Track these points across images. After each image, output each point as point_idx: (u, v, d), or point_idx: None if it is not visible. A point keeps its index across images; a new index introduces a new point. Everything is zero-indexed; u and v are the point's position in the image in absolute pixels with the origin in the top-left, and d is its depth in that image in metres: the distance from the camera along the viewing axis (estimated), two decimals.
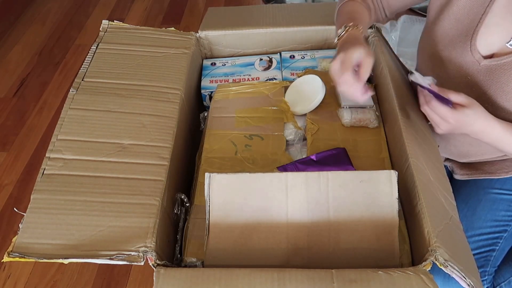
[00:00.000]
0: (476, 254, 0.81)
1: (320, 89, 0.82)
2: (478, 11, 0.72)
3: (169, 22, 2.18)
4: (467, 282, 0.53)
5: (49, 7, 2.30)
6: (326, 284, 0.52)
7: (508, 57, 0.70)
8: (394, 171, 0.60)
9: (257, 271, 0.54)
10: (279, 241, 0.60)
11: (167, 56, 0.85)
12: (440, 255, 0.53)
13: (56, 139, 0.70)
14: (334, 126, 0.80)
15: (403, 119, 0.71)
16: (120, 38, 0.88)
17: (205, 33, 0.94)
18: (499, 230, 0.82)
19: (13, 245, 0.58)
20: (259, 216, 0.60)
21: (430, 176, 0.67)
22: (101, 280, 1.25)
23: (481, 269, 0.80)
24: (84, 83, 0.78)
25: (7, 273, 1.27)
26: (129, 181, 0.65)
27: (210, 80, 0.93)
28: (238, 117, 0.83)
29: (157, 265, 0.57)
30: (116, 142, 0.70)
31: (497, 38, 0.72)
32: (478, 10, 0.72)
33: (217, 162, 0.75)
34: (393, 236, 0.59)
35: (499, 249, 0.82)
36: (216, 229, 0.60)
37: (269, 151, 0.77)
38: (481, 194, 0.69)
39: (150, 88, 0.79)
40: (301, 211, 0.60)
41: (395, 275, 0.53)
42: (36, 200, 0.63)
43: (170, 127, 0.73)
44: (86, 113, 0.73)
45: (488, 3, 0.71)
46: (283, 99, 0.85)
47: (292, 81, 0.88)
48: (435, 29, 0.79)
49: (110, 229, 0.59)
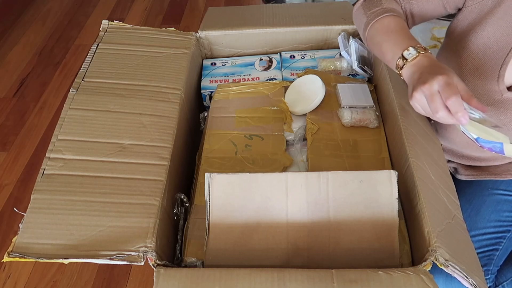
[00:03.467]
0: (479, 253, 0.81)
1: (320, 89, 0.82)
2: (509, 39, 0.67)
3: (169, 22, 2.18)
4: (470, 281, 0.53)
5: (49, 7, 2.30)
6: (326, 284, 0.52)
7: None
8: (394, 171, 0.60)
9: (257, 271, 0.54)
10: (279, 241, 0.60)
11: (167, 56, 0.85)
12: (440, 255, 0.53)
13: (56, 139, 0.70)
14: (334, 126, 0.80)
15: (403, 119, 0.71)
16: (120, 38, 0.88)
17: (205, 33, 0.94)
18: (502, 230, 0.82)
19: (13, 245, 0.58)
20: (259, 216, 0.60)
21: (431, 175, 0.66)
22: (101, 280, 1.25)
23: (484, 268, 0.80)
24: (84, 83, 0.78)
25: (7, 273, 1.27)
26: (129, 181, 0.65)
27: (210, 80, 0.93)
28: (238, 117, 0.83)
29: (157, 265, 0.57)
30: (116, 142, 0.70)
31: None
32: (509, 39, 0.67)
33: (217, 162, 0.75)
34: (393, 236, 0.59)
35: (502, 248, 0.82)
36: (216, 229, 0.60)
37: (269, 151, 0.77)
38: (486, 194, 0.68)
39: (150, 88, 0.79)
40: (301, 211, 0.60)
41: (395, 275, 0.53)
42: (36, 200, 0.63)
43: (170, 127, 0.73)
44: (86, 113, 0.73)
45: None
46: (282, 99, 0.85)
47: (292, 81, 0.88)
48: (459, 53, 0.73)
49: (110, 229, 0.59)
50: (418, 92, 0.58)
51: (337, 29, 0.95)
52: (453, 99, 0.54)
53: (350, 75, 0.92)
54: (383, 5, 0.73)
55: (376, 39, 0.71)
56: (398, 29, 0.68)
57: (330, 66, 0.93)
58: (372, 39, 0.73)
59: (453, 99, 0.54)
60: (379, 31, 0.71)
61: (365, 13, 0.75)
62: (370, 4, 0.75)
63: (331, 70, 0.92)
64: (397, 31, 0.68)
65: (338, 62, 0.93)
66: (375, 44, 0.72)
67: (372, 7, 0.74)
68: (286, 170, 0.75)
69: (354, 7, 0.79)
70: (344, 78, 0.90)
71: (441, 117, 0.56)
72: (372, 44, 0.73)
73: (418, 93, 0.58)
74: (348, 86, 0.85)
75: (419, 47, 0.63)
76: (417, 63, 0.61)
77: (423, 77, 0.58)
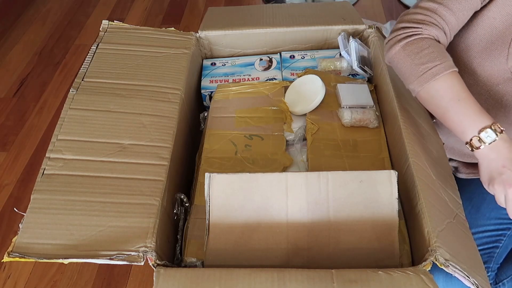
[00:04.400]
0: (479, 251, 0.81)
1: (320, 89, 0.82)
2: None
3: (169, 22, 2.18)
4: (471, 281, 0.53)
5: (49, 7, 2.30)
6: (326, 284, 0.52)
7: None
8: (394, 171, 0.60)
9: (257, 271, 0.54)
10: (279, 241, 0.60)
11: (167, 56, 0.85)
12: (440, 255, 0.53)
13: (56, 139, 0.70)
14: (334, 126, 0.80)
15: (403, 119, 0.71)
16: (120, 38, 0.88)
17: (205, 33, 0.94)
18: (503, 227, 0.83)
19: (13, 245, 0.58)
20: (259, 216, 0.60)
21: (432, 175, 0.66)
22: (101, 280, 1.25)
23: (484, 265, 0.80)
24: (84, 83, 0.78)
25: (7, 273, 1.27)
26: (129, 181, 0.65)
27: (210, 80, 0.93)
28: (238, 117, 0.83)
29: (157, 265, 0.57)
30: (116, 142, 0.70)
31: None
32: None
33: (217, 162, 0.75)
34: (393, 236, 0.59)
35: (502, 246, 0.82)
36: (216, 229, 0.60)
37: (269, 151, 0.77)
38: (486, 192, 0.68)
39: (150, 88, 0.79)
40: (301, 211, 0.60)
41: (395, 275, 0.53)
42: (36, 200, 0.63)
43: (170, 127, 0.73)
44: (86, 113, 0.73)
45: None
46: (282, 99, 0.85)
47: (292, 81, 0.88)
48: (465, 35, 0.73)
49: (110, 229, 0.59)
50: (499, 187, 0.61)
51: (337, 29, 0.95)
52: None
53: (350, 75, 0.92)
54: (436, 57, 0.66)
55: (437, 102, 0.67)
56: (466, 96, 0.65)
57: (330, 66, 0.93)
58: (431, 100, 0.67)
59: None
60: (441, 94, 0.66)
61: (413, 62, 0.67)
62: (418, 50, 0.67)
63: (331, 70, 0.93)
64: (464, 98, 0.64)
65: (338, 62, 0.93)
66: (436, 106, 0.67)
67: (422, 57, 0.67)
68: (286, 170, 0.75)
69: (392, 50, 0.70)
70: (344, 78, 0.90)
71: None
72: (430, 104, 0.69)
73: (499, 188, 0.61)
74: (348, 86, 0.85)
75: (496, 127, 0.61)
76: (497, 149, 0.61)
77: (507, 175, 0.60)
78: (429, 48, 0.67)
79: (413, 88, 0.68)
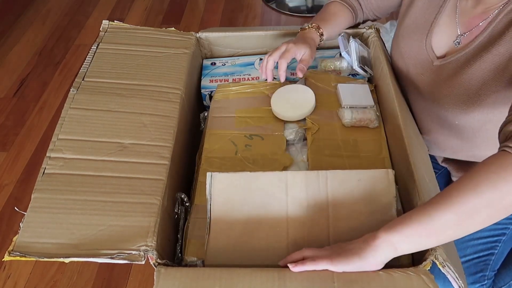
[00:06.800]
0: (475, 258, 0.80)
1: (311, 98, 0.81)
2: (434, 10, 0.75)
3: (169, 22, 2.18)
4: (459, 284, 0.54)
5: (49, 7, 2.30)
6: (326, 284, 0.52)
7: (453, 56, 0.71)
8: (391, 170, 0.60)
9: (257, 270, 0.54)
10: (280, 240, 0.60)
11: (167, 56, 0.85)
12: (439, 255, 0.54)
13: (56, 138, 0.70)
14: (334, 126, 0.80)
15: (403, 119, 0.71)
16: (120, 38, 0.88)
17: (205, 34, 0.95)
18: (497, 233, 0.81)
19: (14, 244, 0.58)
20: (260, 215, 0.60)
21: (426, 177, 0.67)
22: (101, 280, 1.25)
23: (480, 273, 0.79)
24: (85, 83, 0.78)
25: (7, 273, 1.27)
26: (129, 180, 0.65)
27: (210, 80, 0.94)
28: (238, 117, 0.83)
29: (158, 264, 0.57)
30: (117, 141, 0.70)
31: (447, 38, 0.73)
32: (434, 10, 0.75)
33: (217, 162, 0.76)
34: None
35: (498, 252, 0.81)
36: (216, 228, 0.60)
37: (269, 151, 0.77)
38: None
39: (151, 88, 0.79)
40: (301, 210, 0.60)
41: (395, 275, 0.53)
42: (36, 199, 0.63)
43: (171, 126, 0.73)
44: (87, 113, 0.74)
45: (442, 3, 0.74)
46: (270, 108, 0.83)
47: (292, 81, 0.88)
48: (400, 25, 0.83)
49: (110, 228, 0.59)
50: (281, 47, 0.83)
51: None
52: (272, 60, 0.82)
53: (350, 75, 0.92)
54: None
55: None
56: (326, 12, 0.90)
57: (330, 66, 0.93)
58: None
59: (271, 60, 0.82)
60: (320, 10, 0.91)
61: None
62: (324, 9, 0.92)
63: (331, 70, 0.93)
64: (324, 12, 0.90)
65: (338, 62, 0.93)
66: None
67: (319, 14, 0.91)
68: (286, 170, 0.75)
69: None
70: (344, 78, 0.90)
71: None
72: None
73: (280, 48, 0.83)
74: (348, 86, 0.85)
75: (314, 26, 0.87)
76: (301, 33, 0.87)
77: (291, 41, 0.84)
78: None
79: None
